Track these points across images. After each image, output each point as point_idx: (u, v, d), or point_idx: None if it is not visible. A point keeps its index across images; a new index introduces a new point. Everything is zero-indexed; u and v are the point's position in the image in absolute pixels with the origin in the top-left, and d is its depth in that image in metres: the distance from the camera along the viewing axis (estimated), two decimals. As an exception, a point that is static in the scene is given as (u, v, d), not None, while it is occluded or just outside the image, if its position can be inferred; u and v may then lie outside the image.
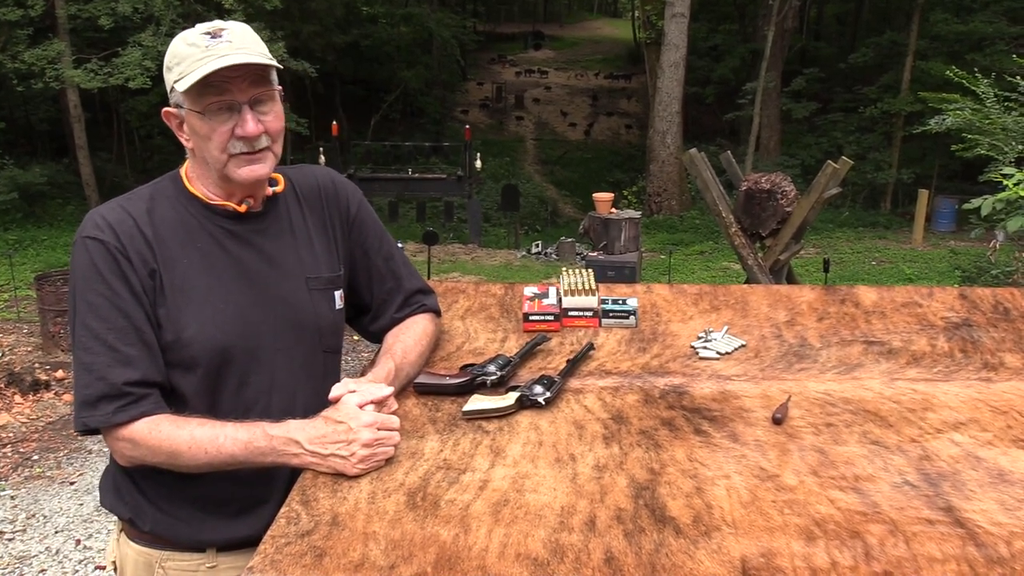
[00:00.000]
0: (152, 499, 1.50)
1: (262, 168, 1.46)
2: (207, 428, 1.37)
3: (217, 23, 1.43)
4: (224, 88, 1.39)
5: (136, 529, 1.53)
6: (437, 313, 1.78)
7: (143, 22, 13.29)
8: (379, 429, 1.32)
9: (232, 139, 1.42)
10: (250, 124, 1.41)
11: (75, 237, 1.46)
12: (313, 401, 1.44)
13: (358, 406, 1.35)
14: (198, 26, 1.44)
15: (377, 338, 1.71)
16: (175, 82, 1.41)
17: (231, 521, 1.50)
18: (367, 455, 1.29)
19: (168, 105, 1.48)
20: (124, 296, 1.40)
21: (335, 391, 1.39)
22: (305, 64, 14.52)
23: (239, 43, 1.40)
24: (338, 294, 1.61)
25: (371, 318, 1.72)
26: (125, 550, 1.56)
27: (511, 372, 1.59)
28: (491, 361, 1.59)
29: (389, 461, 1.31)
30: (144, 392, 1.39)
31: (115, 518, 1.60)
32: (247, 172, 1.44)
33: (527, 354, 1.70)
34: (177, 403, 1.44)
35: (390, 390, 1.42)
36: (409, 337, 1.65)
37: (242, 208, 1.51)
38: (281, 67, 1.47)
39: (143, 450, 1.39)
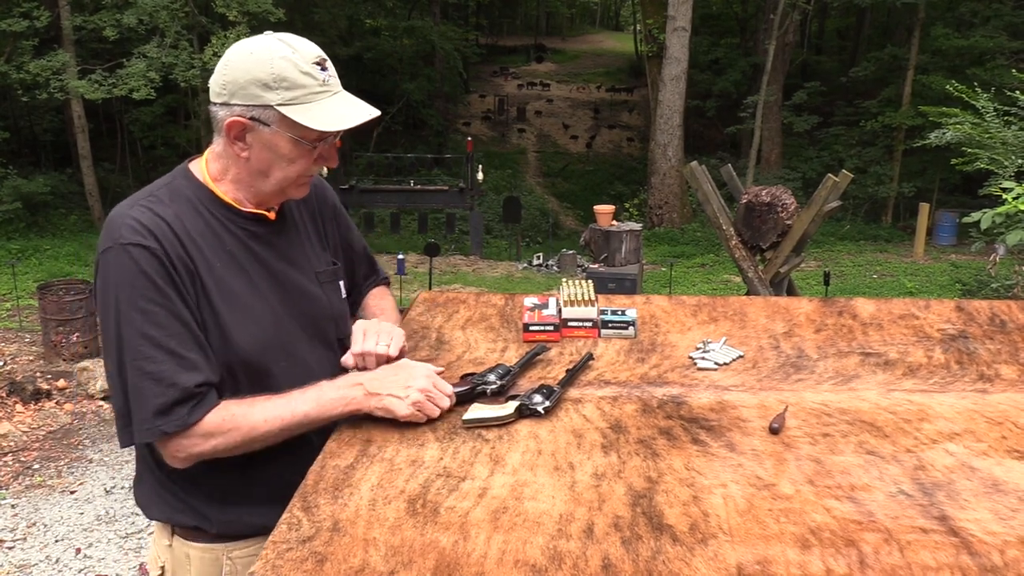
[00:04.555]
0: (217, 499, 1.54)
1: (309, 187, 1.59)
2: (274, 401, 1.45)
3: (316, 48, 1.49)
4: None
5: (202, 532, 1.56)
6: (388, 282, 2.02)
7: (148, 34, 13.38)
8: (435, 385, 1.48)
9: (311, 167, 1.52)
10: (336, 159, 1.54)
11: (105, 243, 1.43)
12: None
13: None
14: (294, 42, 1.47)
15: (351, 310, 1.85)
16: (279, 104, 1.43)
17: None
18: (419, 400, 1.44)
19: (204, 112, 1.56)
20: (177, 302, 1.41)
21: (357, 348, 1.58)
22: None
23: (335, 76, 1.51)
24: (342, 284, 1.72)
25: (351, 299, 1.85)
26: (182, 552, 1.58)
27: (511, 381, 1.61)
28: (491, 370, 1.61)
29: (392, 464, 1.33)
30: (208, 390, 1.43)
31: (154, 524, 1.63)
32: (302, 192, 1.57)
33: (527, 364, 1.71)
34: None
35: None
36: (386, 303, 1.90)
37: (272, 215, 1.58)
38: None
39: (217, 439, 1.41)
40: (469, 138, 17.06)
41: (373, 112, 1.51)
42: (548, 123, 29.95)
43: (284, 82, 1.43)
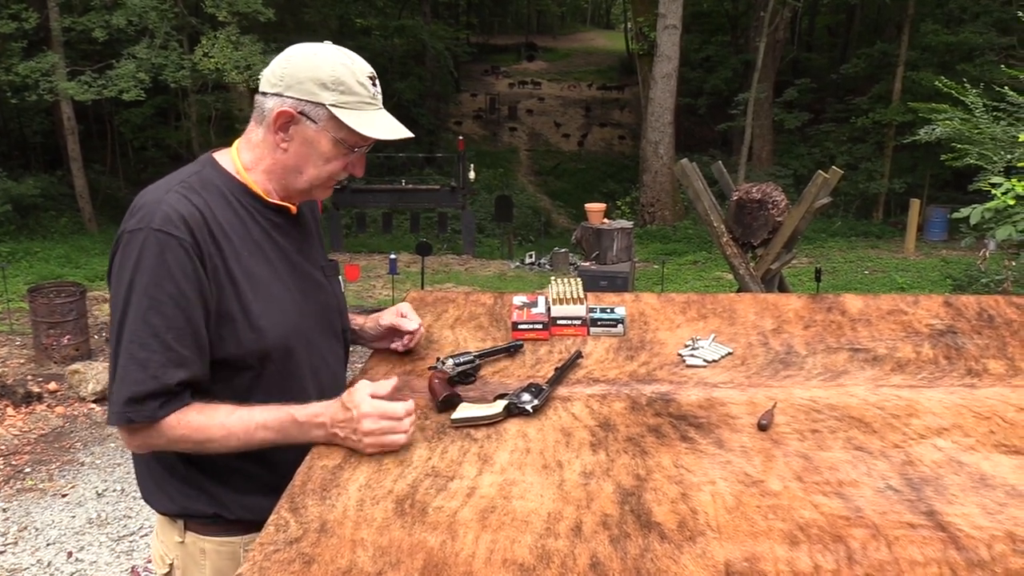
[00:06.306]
0: (234, 485, 1.54)
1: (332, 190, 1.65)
2: (236, 416, 1.43)
3: (368, 65, 1.56)
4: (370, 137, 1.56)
5: (220, 522, 1.55)
6: None
7: (137, 35, 13.34)
8: (382, 418, 1.38)
9: (341, 171, 1.57)
10: (363, 168, 1.61)
11: (135, 223, 1.42)
12: (341, 377, 1.69)
13: (369, 395, 1.42)
14: (352, 55, 1.55)
15: None
16: (331, 105, 1.49)
17: None
18: (372, 442, 1.38)
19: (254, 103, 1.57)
20: (190, 297, 1.42)
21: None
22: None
23: (380, 95, 1.59)
24: (341, 279, 1.79)
25: None
26: (197, 548, 1.58)
27: (472, 362, 1.68)
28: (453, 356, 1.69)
29: (396, 454, 1.37)
30: (184, 389, 1.43)
31: (158, 518, 1.62)
32: (326, 194, 1.63)
33: (490, 354, 1.76)
34: (240, 391, 1.49)
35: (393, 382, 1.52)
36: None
37: (293, 209, 1.63)
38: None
39: (172, 438, 1.42)
40: (461, 137, 17.03)
41: (409, 132, 1.58)
42: (540, 121, 29.91)
43: (341, 86, 1.50)
